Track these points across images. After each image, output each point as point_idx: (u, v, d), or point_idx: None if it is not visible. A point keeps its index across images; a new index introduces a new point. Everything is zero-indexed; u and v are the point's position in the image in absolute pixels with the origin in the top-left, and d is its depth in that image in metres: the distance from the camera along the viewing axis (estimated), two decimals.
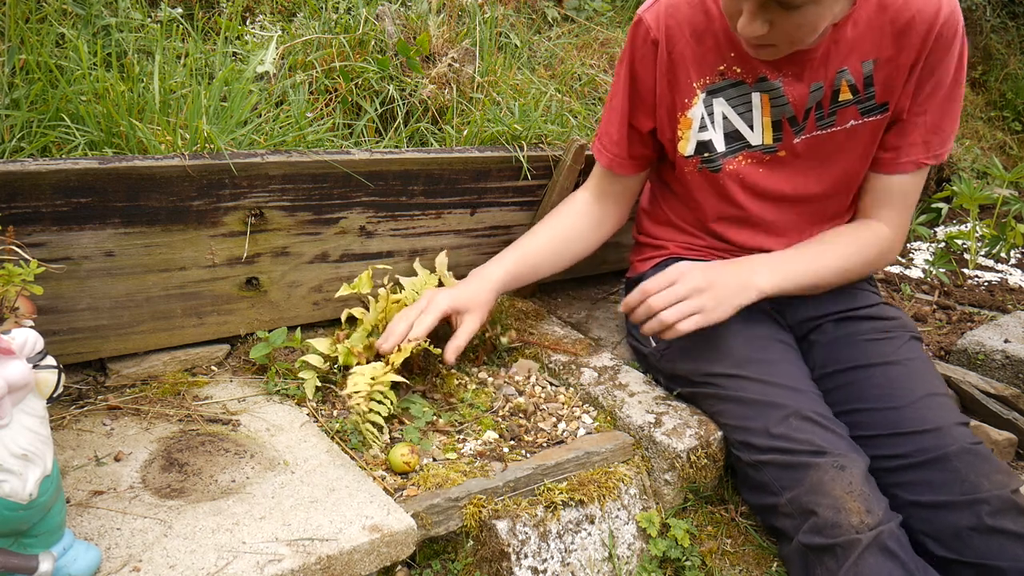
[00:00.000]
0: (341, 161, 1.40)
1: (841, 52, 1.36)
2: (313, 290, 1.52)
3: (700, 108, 1.45)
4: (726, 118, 1.45)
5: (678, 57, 1.43)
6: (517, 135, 1.66)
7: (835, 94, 1.39)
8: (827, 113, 1.41)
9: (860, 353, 1.43)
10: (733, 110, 1.44)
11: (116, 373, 1.36)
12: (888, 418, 1.31)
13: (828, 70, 1.37)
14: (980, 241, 2.80)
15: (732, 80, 1.43)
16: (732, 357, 1.40)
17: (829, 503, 1.16)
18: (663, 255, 1.63)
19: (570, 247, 1.62)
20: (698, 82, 1.44)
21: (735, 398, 1.35)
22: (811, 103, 1.40)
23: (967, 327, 2.21)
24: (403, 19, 1.90)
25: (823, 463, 1.20)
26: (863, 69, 1.37)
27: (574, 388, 1.53)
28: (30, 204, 1.16)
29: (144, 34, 1.67)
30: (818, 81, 1.38)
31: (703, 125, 1.47)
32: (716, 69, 1.43)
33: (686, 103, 1.46)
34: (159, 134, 1.34)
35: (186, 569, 0.96)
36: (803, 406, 1.29)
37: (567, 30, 2.51)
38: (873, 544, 1.12)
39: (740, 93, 1.43)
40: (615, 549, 1.27)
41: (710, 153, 1.48)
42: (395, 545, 1.08)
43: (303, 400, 1.38)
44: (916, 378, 1.36)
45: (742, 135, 1.46)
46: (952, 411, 1.31)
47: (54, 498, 0.90)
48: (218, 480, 1.15)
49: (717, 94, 1.44)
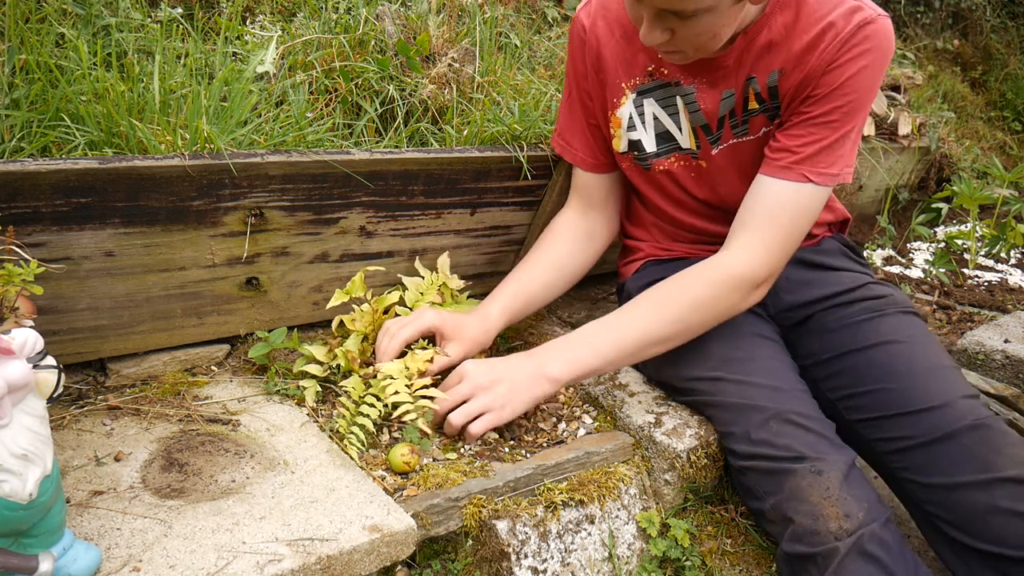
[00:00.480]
0: (341, 161, 1.40)
1: (751, 59, 1.33)
2: (313, 290, 1.52)
3: (629, 107, 1.45)
4: (656, 119, 1.44)
5: (608, 56, 1.43)
6: (517, 135, 1.66)
7: (745, 102, 1.37)
8: (740, 121, 1.39)
9: (855, 336, 1.39)
10: (664, 111, 1.43)
11: (116, 373, 1.36)
12: (891, 398, 1.28)
13: (739, 77, 1.35)
14: (980, 241, 2.80)
15: (661, 81, 1.42)
16: (711, 359, 1.38)
17: (807, 510, 1.15)
18: (640, 258, 1.64)
19: (564, 274, 1.59)
20: (627, 82, 1.44)
21: (716, 403, 1.34)
22: (723, 111, 1.38)
23: (967, 327, 2.21)
24: (403, 19, 1.90)
25: (800, 469, 1.19)
26: (768, 80, 1.33)
27: (574, 388, 1.53)
28: (30, 204, 1.16)
29: (144, 34, 1.67)
30: (729, 88, 1.36)
31: (631, 125, 1.46)
32: (645, 69, 1.42)
33: (615, 102, 1.46)
34: (159, 134, 1.34)
35: (186, 569, 0.96)
36: (784, 407, 1.26)
37: (567, 30, 2.51)
38: (852, 550, 1.11)
39: (668, 95, 1.43)
40: (615, 549, 1.27)
41: (639, 152, 1.48)
42: (395, 545, 1.08)
43: (303, 400, 1.38)
44: (917, 353, 1.32)
45: (673, 136, 1.45)
46: (959, 383, 1.26)
47: (54, 498, 0.90)
48: (218, 480, 1.15)
49: (647, 94, 1.43)
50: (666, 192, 1.53)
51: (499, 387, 1.30)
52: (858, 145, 1.37)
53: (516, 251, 1.79)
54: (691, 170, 1.48)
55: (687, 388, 1.41)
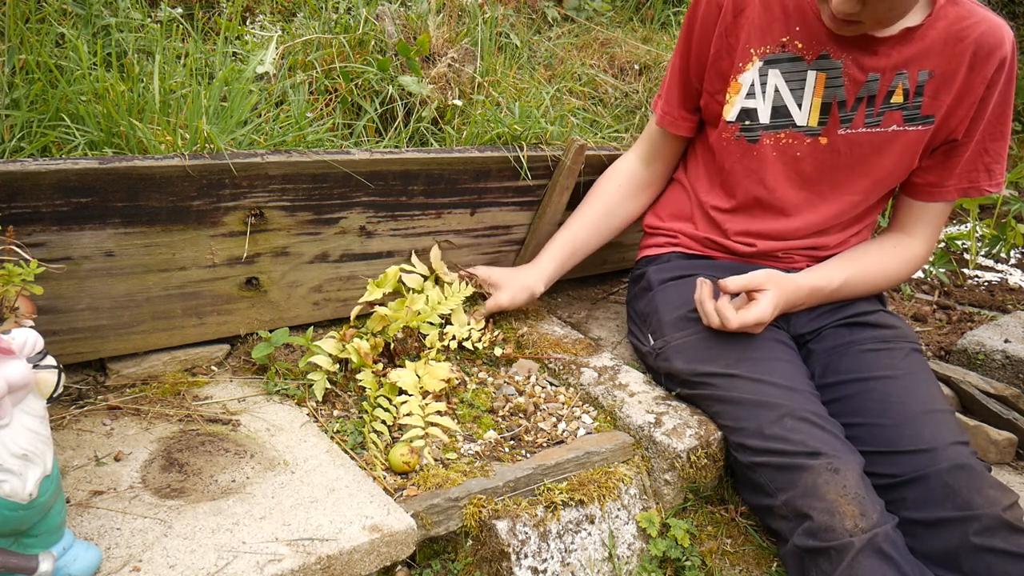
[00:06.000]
0: (341, 161, 1.40)
1: (906, 54, 1.39)
2: (313, 290, 1.52)
3: (753, 75, 1.47)
4: (777, 91, 1.46)
5: (743, 21, 1.45)
6: (517, 135, 1.66)
7: (889, 94, 1.41)
8: (877, 112, 1.43)
9: (859, 364, 1.43)
10: (786, 85, 1.46)
11: (116, 373, 1.36)
12: (884, 435, 1.31)
13: (889, 66, 1.40)
14: (980, 241, 2.80)
15: (792, 54, 1.44)
16: (727, 355, 1.40)
17: (823, 506, 1.16)
18: (671, 245, 1.65)
19: (613, 220, 1.70)
20: (757, 49, 1.45)
21: (729, 399, 1.35)
22: (864, 92, 1.42)
23: (967, 327, 2.21)
24: (403, 19, 1.90)
25: (817, 465, 1.20)
26: (918, 78, 1.40)
27: (574, 388, 1.53)
28: (30, 204, 1.16)
29: (144, 34, 1.67)
30: (877, 73, 1.40)
31: (751, 92, 1.48)
32: (779, 40, 1.44)
33: (740, 67, 1.47)
34: (159, 134, 1.34)
35: (186, 569, 0.96)
36: (798, 406, 1.28)
37: (567, 30, 2.51)
38: (867, 547, 1.12)
39: (796, 69, 1.44)
40: (615, 549, 1.27)
41: (751, 122, 1.49)
42: (395, 545, 1.08)
43: (303, 400, 1.38)
44: (914, 394, 1.35)
45: (789, 112, 1.47)
46: (950, 428, 1.29)
47: (54, 498, 0.90)
48: (218, 480, 1.15)
49: (774, 65, 1.45)
50: (757, 173, 1.52)
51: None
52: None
53: (516, 251, 1.79)
54: (800, 148, 1.48)
55: (699, 382, 1.41)
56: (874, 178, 1.49)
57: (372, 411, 1.35)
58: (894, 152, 1.45)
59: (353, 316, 1.52)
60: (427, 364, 1.45)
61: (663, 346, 1.48)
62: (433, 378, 1.41)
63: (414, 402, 1.35)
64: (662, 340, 1.48)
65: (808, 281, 1.47)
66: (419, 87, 1.71)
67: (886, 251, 1.54)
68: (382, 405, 1.37)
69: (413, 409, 1.34)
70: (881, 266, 1.53)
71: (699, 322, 1.45)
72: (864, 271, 1.52)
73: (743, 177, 1.53)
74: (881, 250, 1.55)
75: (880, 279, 1.54)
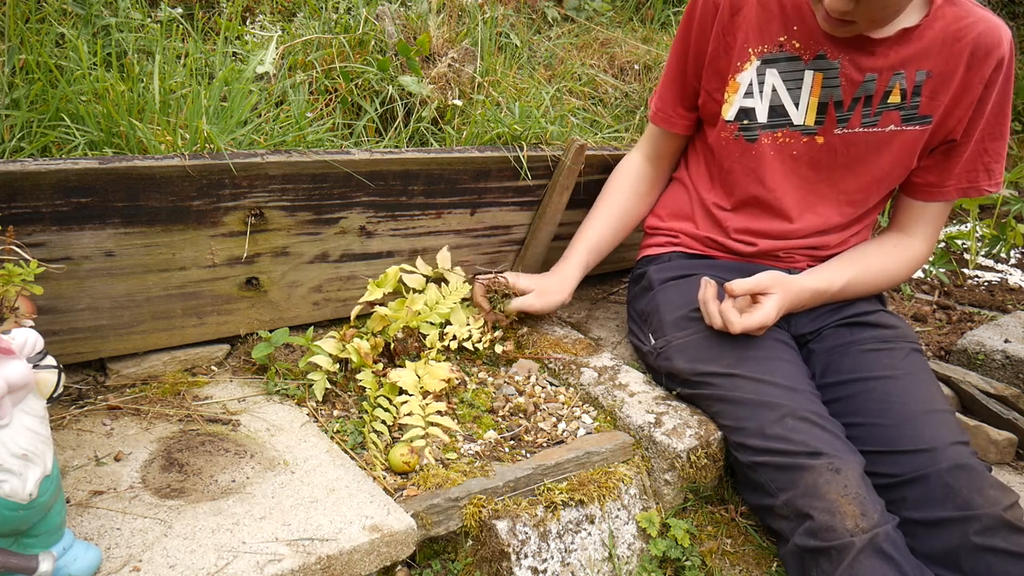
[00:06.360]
0: (341, 161, 1.40)
1: (903, 55, 1.39)
2: (313, 290, 1.52)
3: (751, 74, 1.47)
4: (775, 90, 1.47)
5: (741, 20, 1.45)
6: (517, 135, 1.66)
7: (886, 94, 1.42)
8: (874, 112, 1.43)
9: (859, 364, 1.43)
10: (784, 84, 1.46)
11: (116, 373, 1.36)
12: (884, 435, 1.31)
13: (887, 66, 1.40)
14: (980, 241, 2.80)
15: (789, 54, 1.44)
16: (728, 355, 1.40)
17: (824, 506, 1.16)
18: (671, 245, 1.65)
19: (628, 220, 1.72)
20: (755, 48, 1.46)
21: (731, 398, 1.35)
22: (861, 93, 1.42)
23: (967, 327, 2.21)
24: (403, 19, 1.90)
25: (818, 465, 1.20)
26: (916, 78, 1.40)
27: (574, 388, 1.53)
28: (30, 204, 1.16)
29: (144, 34, 1.67)
30: (874, 73, 1.40)
31: (749, 91, 1.48)
32: (776, 39, 1.45)
33: (738, 66, 1.48)
34: (159, 134, 1.34)
35: (186, 569, 0.96)
36: (799, 406, 1.28)
37: (567, 30, 2.51)
38: (868, 547, 1.12)
39: (794, 69, 1.45)
40: (615, 549, 1.27)
41: (750, 121, 1.49)
42: (395, 545, 1.08)
43: (303, 400, 1.38)
44: (915, 393, 1.35)
45: (786, 111, 1.47)
46: (950, 428, 1.29)
47: (54, 498, 0.90)
48: (218, 480, 1.15)
49: (772, 64, 1.46)
50: (756, 172, 1.52)
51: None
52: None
53: (516, 251, 1.79)
54: (797, 146, 1.49)
55: (700, 382, 1.41)
56: (872, 178, 1.49)
57: (372, 411, 1.35)
58: (892, 152, 1.46)
59: (353, 316, 1.52)
60: (427, 364, 1.45)
61: (664, 346, 1.48)
62: (433, 378, 1.41)
63: (414, 402, 1.35)
64: (663, 340, 1.48)
65: (812, 284, 1.46)
66: (419, 87, 1.72)
67: (887, 251, 1.54)
68: (382, 405, 1.37)
69: (413, 409, 1.34)
70: (882, 266, 1.53)
71: (700, 322, 1.45)
72: (866, 272, 1.52)
73: (742, 176, 1.53)
74: (882, 250, 1.54)
75: (881, 279, 1.54)
